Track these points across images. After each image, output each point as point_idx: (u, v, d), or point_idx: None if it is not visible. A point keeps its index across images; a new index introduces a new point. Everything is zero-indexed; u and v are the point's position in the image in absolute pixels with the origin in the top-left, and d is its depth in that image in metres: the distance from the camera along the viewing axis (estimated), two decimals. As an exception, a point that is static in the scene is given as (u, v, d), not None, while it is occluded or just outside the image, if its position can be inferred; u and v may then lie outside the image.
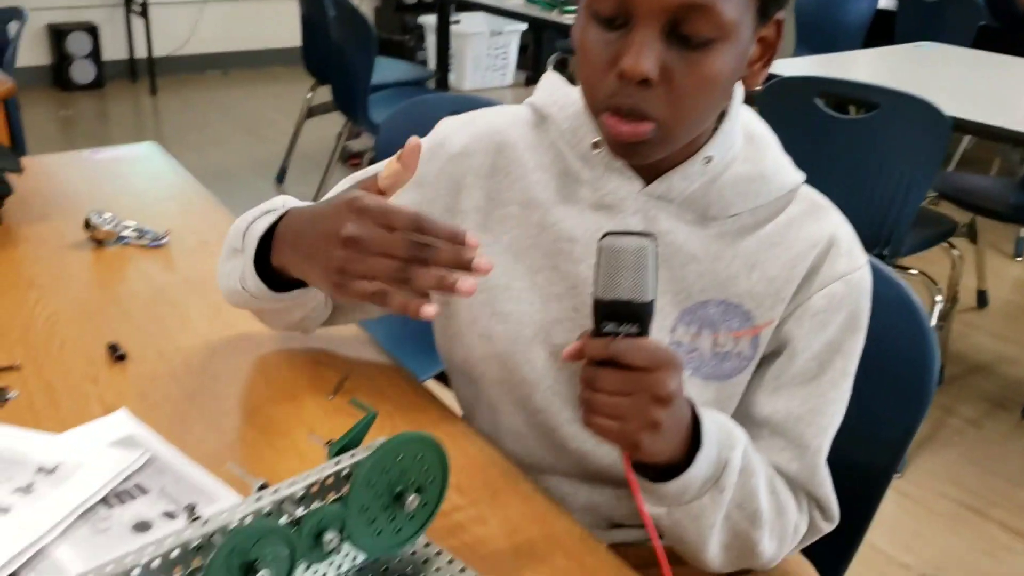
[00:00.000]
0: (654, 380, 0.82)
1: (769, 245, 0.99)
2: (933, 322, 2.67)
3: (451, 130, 1.09)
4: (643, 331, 0.83)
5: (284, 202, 1.05)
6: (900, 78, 2.90)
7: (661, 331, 1.01)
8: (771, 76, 2.68)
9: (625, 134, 0.89)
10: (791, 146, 1.04)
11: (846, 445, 1.07)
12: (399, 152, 0.94)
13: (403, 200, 1.08)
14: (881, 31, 4.45)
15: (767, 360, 1.02)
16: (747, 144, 1.00)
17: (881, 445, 1.22)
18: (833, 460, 1.04)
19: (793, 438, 1.00)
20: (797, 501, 1.01)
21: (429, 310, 0.85)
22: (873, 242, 2.47)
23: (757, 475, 0.95)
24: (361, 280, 0.87)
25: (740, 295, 1.00)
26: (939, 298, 2.69)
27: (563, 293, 1.03)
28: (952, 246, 2.88)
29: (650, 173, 0.99)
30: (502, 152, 1.06)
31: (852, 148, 2.40)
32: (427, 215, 0.86)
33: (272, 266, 1.01)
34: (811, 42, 4.47)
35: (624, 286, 0.81)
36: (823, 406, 1.00)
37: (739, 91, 1.00)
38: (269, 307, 1.09)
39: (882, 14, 4.54)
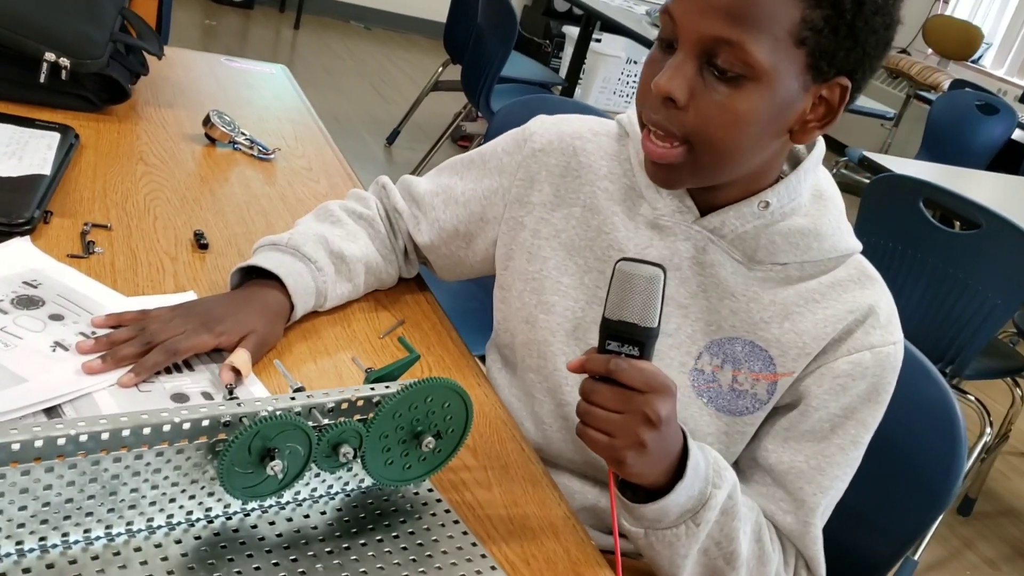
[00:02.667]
0: (646, 401, 0.85)
1: (808, 300, 1.02)
2: (976, 452, 2.65)
3: (539, 127, 1.16)
4: (644, 354, 0.86)
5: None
6: (1011, 207, 2.87)
7: (686, 356, 1.05)
8: (882, 170, 2.68)
9: (654, 153, 0.94)
10: (885, 241, 1.06)
11: (851, 526, 1.09)
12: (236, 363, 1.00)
13: (484, 184, 1.17)
14: (1008, 161, 4.39)
15: (781, 411, 1.05)
16: (813, 201, 1.03)
17: (884, 538, 1.23)
18: (834, 536, 1.06)
19: (792, 491, 1.02)
20: (785, 555, 1.04)
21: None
22: (938, 357, 2.45)
23: (740, 518, 0.97)
24: None
25: (767, 340, 1.03)
26: (988, 430, 2.66)
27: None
28: (1017, 384, 2.84)
29: (708, 206, 1.03)
30: (577, 156, 1.12)
31: (943, 260, 2.39)
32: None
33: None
34: (935, 151, 4.43)
35: (632, 309, 0.84)
36: (827, 467, 1.02)
37: (819, 150, 1.03)
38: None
39: (1014, 144, 4.48)
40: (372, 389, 0.86)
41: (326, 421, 0.83)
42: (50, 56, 1.46)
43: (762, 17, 0.87)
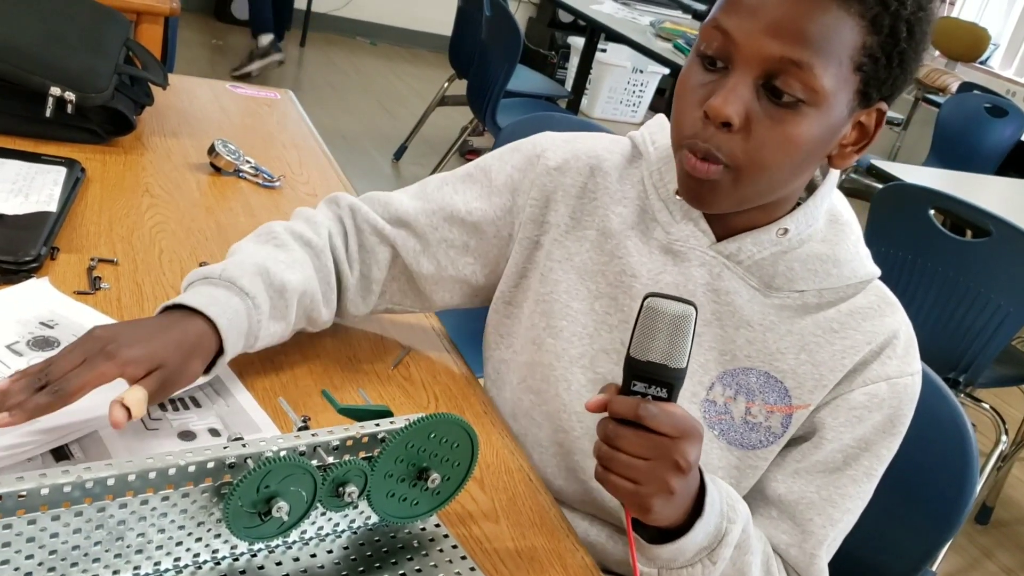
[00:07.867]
0: (676, 448, 0.82)
1: (826, 330, 1.00)
2: (992, 461, 2.63)
3: (551, 144, 1.12)
4: (671, 396, 0.82)
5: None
6: (1022, 213, 2.86)
7: (698, 386, 1.03)
8: (891, 179, 2.67)
9: (698, 169, 0.90)
10: (894, 251, 1.05)
11: (865, 545, 1.08)
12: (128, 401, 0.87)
13: (495, 203, 1.12)
14: (1018, 163, 4.37)
15: (794, 442, 1.03)
16: (829, 225, 1.01)
17: (900, 555, 1.23)
18: (849, 554, 1.05)
19: (800, 523, 1.01)
20: None
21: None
22: (951, 366, 2.44)
23: (752, 552, 0.96)
24: None
25: (783, 371, 1.00)
26: (1004, 438, 2.64)
27: (616, 325, 1.05)
28: (1032, 391, 2.83)
29: (724, 231, 1.01)
30: (594, 176, 1.09)
31: (954, 268, 2.38)
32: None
33: None
34: (944, 157, 4.42)
35: (660, 349, 0.80)
36: (838, 499, 1.00)
37: (833, 174, 1.01)
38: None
39: (1023, 146, 4.46)
40: (377, 425, 0.86)
41: (331, 459, 0.83)
42: (55, 90, 1.47)
43: (832, 39, 0.85)
